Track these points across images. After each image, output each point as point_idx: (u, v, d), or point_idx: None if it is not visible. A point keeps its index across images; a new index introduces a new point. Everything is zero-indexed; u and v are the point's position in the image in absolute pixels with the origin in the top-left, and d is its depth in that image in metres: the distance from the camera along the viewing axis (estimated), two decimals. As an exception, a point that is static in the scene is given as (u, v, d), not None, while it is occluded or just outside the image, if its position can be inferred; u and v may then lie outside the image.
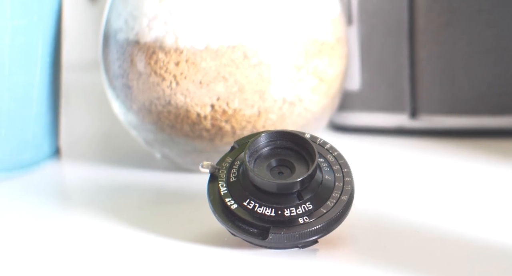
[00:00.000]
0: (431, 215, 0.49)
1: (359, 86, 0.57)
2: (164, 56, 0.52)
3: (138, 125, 0.54)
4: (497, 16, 0.55)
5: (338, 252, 0.46)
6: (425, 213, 0.49)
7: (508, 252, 0.45)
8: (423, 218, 0.49)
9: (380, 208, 0.50)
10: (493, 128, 0.56)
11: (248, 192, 0.46)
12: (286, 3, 0.52)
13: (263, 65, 0.52)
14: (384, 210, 0.49)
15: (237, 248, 0.47)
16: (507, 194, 0.51)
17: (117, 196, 0.52)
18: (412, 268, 0.45)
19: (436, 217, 0.49)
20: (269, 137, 0.47)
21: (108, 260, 0.47)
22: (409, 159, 0.55)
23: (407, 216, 0.49)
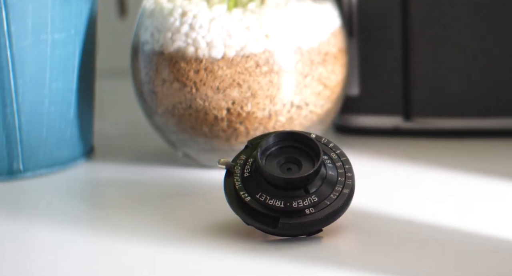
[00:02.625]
0: (422, 207, 0.49)
1: (358, 92, 0.57)
2: (186, 65, 0.52)
3: (163, 127, 0.54)
4: (483, 29, 0.55)
5: (340, 239, 0.46)
6: (417, 205, 0.49)
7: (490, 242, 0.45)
8: (415, 209, 0.48)
9: (378, 200, 0.49)
10: (479, 129, 0.56)
11: (260, 186, 0.46)
12: (293, 18, 0.52)
13: (273, 73, 0.52)
14: (382, 202, 0.49)
15: (250, 235, 0.46)
16: (490, 189, 0.50)
17: (143, 189, 0.52)
18: (406, 252, 0.44)
19: (427, 209, 0.49)
20: (279, 137, 0.47)
21: (135, 245, 0.46)
22: (404, 157, 0.55)
23: (401, 208, 0.49)
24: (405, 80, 0.56)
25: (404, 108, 0.56)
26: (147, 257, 0.45)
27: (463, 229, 0.46)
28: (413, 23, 0.56)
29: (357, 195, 0.47)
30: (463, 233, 0.46)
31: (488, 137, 0.56)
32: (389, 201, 0.49)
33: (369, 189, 0.50)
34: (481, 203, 0.49)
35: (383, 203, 0.49)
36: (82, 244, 0.47)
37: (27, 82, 0.53)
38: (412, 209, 0.48)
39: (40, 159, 0.54)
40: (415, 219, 0.47)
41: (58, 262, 0.45)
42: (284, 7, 0.53)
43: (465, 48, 0.55)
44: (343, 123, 0.58)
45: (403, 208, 0.48)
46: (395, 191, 0.51)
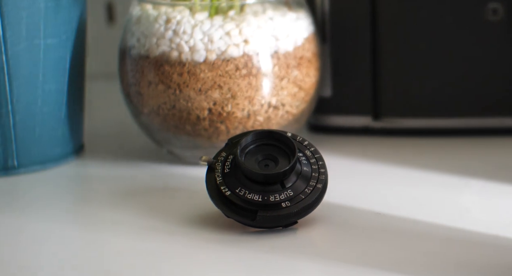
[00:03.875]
0: (389, 200, 0.49)
1: (331, 93, 0.57)
2: (170, 68, 0.52)
3: (148, 126, 0.54)
4: (447, 35, 0.55)
5: (314, 231, 0.46)
6: (384, 198, 0.49)
7: (450, 232, 0.45)
8: (383, 203, 0.49)
9: (348, 194, 0.49)
10: (444, 128, 0.56)
11: (239, 181, 0.46)
12: (270, 25, 0.52)
13: (252, 75, 0.52)
14: (352, 196, 0.49)
15: (230, 227, 0.46)
16: (452, 184, 0.51)
17: (130, 184, 0.52)
18: (374, 242, 0.45)
19: (393, 202, 0.49)
20: (257, 136, 0.47)
21: (123, 237, 0.46)
22: (373, 154, 0.55)
23: (370, 201, 0.49)
24: (374, 82, 0.56)
25: (373, 108, 0.56)
26: (133, 248, 0.45)
27: (426, 220, 0.47)
28: (381, 29, 0.56)
29: (329, 190, 0.47)
30: (426, 224, 0.46)
31: (452, 136, 0.56)
32: (359, 195, 0.50)
33: (341, 184, 0.50)
34: (443, 197, 0.49)
35: (353, 197, 0.49)
36: (72, 235, 0.47)
37: (21, 84, 0.52)
38: (380, 202, 0.49)
39: (34, 156, 0.54)
40: (383, 211, 0.48)
41: (50, 253, 0.45)
42: (262, 15, 0.53)
43: (430, 53, 0.55)
44: (317, 123, 0.58)
45: (371, 202, 0.49)
46: (365, 186, 0.51)
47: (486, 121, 0.56)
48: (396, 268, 0.42)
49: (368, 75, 0.56)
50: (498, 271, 0.42)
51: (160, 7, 0.53)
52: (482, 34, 0.55)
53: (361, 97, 0.56)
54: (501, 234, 0.45)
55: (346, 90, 0.57)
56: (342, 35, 0.56)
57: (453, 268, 0.42)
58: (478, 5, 0.54)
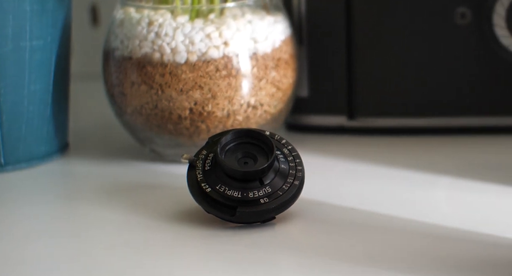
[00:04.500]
0: (363, 196, 0.49)
1: (307, 93, 0.57)
2: (152, 69, 0.52)
3: (131, 125, 0.54)
4: (419, 38, 0.55)
5: (291, 226, 0.46)
6: (358, 194, 0.49)
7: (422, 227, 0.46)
8: (357, 199, 0.49)
9: (324, 191, 0.50)
10: (415, 127, 0.56)
11: (219, 178, 0.46)
12: (249, 27, 0.52)
13: (232, 76, 0.52)
14: (328, 193, 0.49)
15: (210, 223, 0.47)
16: (424, 181, 0.51)
17: (114, 182, 0.52)
18: (349, 236, 0.45)
19: (367, 198, 0.49)
20: (237, 134, 0.47)
21: (106, 232, 0.47)
22: (348, 152, 0.55)
23: (345, 197, 0.49)
24: (349, 83, 0.56)
25: (348, 108, 0.57)
26: (117, 242, 0.45)
27: (398, 215, 0.47)
28: (356, 32, 0.56)
29: (306, 186, 0.47)
30: (399, 219, 0.46)
31: (423, 135, 0.56)
32: (334, 191, 0.50)
33: (317, 180, 0.50)
34: (415, 193, 0.49)
35: (329, 193, 0.49)
36: (58, 230, 0.47)
37: (8, 84, 0.52)
38: (355, 198, 0.49)
39: (20, 154, 0.54)
40: (357, 207, 0.48)
41: (36, 248, 0.45)
42: (241, 18, 0.53)
43: (404, 55, 0.56)
44: (294, 122, 0.58)
45: (346, 198, 0.49)
46: (340, 182, 0.51)
47: (455, 121, 0.56)
48: (370, 261, 0.42)
49: (343, 76, 0.56)
50: (466, 264, 0.42)
51: (143, 10, 0.53)
52: (451, 37, 0.55)
53: (337, 97, 0.57)
54: (470, 228, 0.45)
55: (322, 90, 0.57)
56: (318, 38, 0.56)
57: (424, 261, 0.42)
58: (448, 9, 0.54)
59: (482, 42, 0.54)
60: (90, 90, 0.65)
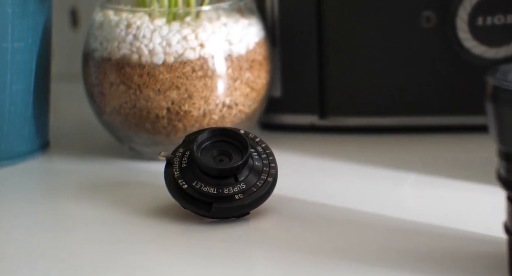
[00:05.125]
0: (334, 192, 0.50)
1: (280, 93, 0.57)
2: (130, 70, 0.52)
3: (110, 124, 0.54)
4: (389, 40, 0.56)
5: (265, 221, 0.47)
6: (329, 190, 0.50)
7: (389, 222, 0.46)
8: (328, 194, 0.49)
9: (297, 187, 0.50)
10: (384, 126, 0.57)
11: (196, 175, 0.46)
12: (224, 30, 0.53)
13: (207, 77, 0.52)
14: (300, 189, 0.50)
15: (187, 218, 0.47)
16: (392, 178, 0.51)
17: (93, 179, 0.52)
18: (320, 230, 0.45)
19: (338, 194, 0.49)
20: (212, 133, 0.47)
21: (87, 228, 0.47)
22: (319, 150, 0.55)
23: (316, 193, 0.49)
24: (320, 83, 0.57)
25: (319, 108, 0.57)
26: (97, 237, 0.45)
27: (367, 211, 0.47)
28: (327, 34, 0.56)
29: (279, 183, 0.47)
30: (367, 214, 0.47)
31: (391, 133, 0.57)
32: (306, 187, 0.50)
33: (289, 177, 0.50)
34: (383, 189, 0.50)
35: (301, 189, 0.50)
36: (39, 226, 0.47)
37: (-11, 85, 0.52)
38: (325, 194, 0.49)
39: (2, 152, 0.54)
40: (328, 202, 0.48)
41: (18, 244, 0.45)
42: (216, 21, 0.53)
43: (373, 56, 0.56)
44: (268, 121, 0.58)
45: (318, 194, 0.49)
46: (312, 179, 0.51)
47: (421, 120, 0.56)
48: (339, 254, 0.43)
49: (314, 77, 0.56)
50: (431, 256, 0.42)
51: (121, 13, 0.53)
52: (418, 40, 0.55)
53: (309, 97, 0.57)
54: (435, 223, 0.45)
55: (294, 90, 0.57)
56: (291, 40, 0.56)
57: (390, 254, 0.42)
58: (414, 13, 0.55)
59: (446, 45, 0.55)
60: (70, 90, 0.64)
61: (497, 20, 0.54)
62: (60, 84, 0.63)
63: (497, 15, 0.54)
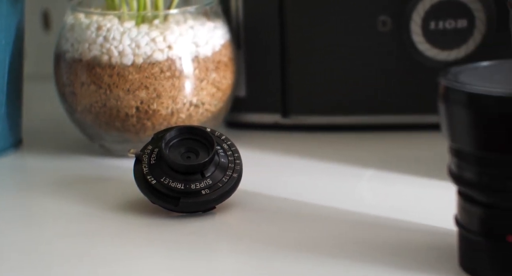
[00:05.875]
0: (296, 187, 0.50)
1: (245, 93, 0.57)
2: (101, 70, 0.52)
3: (81, 122, 0.54)
4: (347, 41, 0.56)
5: (230, 215, 0.47)
6: (291, 185, 0.50)
7: (348, 216, 0.47)
8: (290, 189, 0.50)
9: (261, 182, 0.50)
10: (344, 125, 0.57)
11: (164, 171, 0.46)
12: (191, 32, 0.53)
13: (175, 77, 0.52)
14: (264, 184, 0.50)
15: (156, 212, 0.47)
16: (350, 173, 0.51)
17: (65, 175, 0.52)
18: (284, 224, 0.46)
19: (299, 188, 0.50)
20: (180, 131, 0.47)
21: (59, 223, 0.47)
22: (282, 147, 0.55)
23: (279, 188, 0.50)
24: (283, 84, 0.57)
25: (282, 107, 0.57)
26: (68, 232, 0.45)
27: (328, 205, 0.47)
28: (289, 37, 0.56)
29: (244, 179, 0.47)
30: (328, 208, 0.47)
31: (350, 131, 0.57)
32: (270, 183, 0.50)
33: (254, 173, 0.50)
34: (342, 185, 0.50)
35: (265, 185, 0.50)
36: (13, 221, 0.47)
37: (-36, 85, 0.52)
38: (288, 189, 0.49)
39: (-24, 149, 0.53)
40: (290, 197, 0.48)
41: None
42: (183, 24, 0.53)
43: (333, 58, 0.56)
44: (233, 120, 0.58)
45: (280, 189, 0.49)
46: (275, 175, 0.52)
47: (378, 118, 0.56)
48: (302, 247, 0.43)
49: (277, 77, 0.56)
50: (388, 248, 0.43)
51: (92, 16, 0.53)
52: (374, 42, 0.55)
53: (272, 97, 0.57)
54: (391, 216, 0.46)
55: (258, 90, 0.57)
56: (255, 42, 0.56)
57: (351, 246, 0.43)
58: (371, 17, 0.55)
59: (401, 47, 0.55)
60: (42, 90, 0.64)
61: (448, 24, 0.55)
62: (33, 84, 0.63)
63: (448, 20, 0.55)
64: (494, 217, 0.39)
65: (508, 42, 0.49)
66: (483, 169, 0.39)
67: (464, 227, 0.41)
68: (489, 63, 0.41)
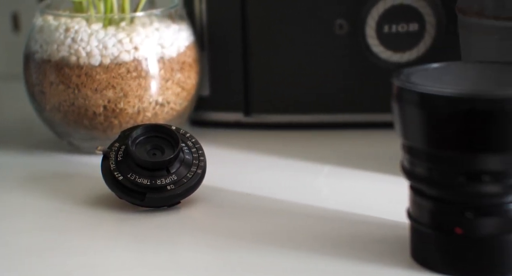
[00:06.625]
0: (259, 182, 0.50)
1: (209, 93, 0.57)
2: (69, 70, 0.52)
3: (50, 121, 0.54)
4: (308, 42, 0.56)
5: (194, 209, 0.47)
6: (254, 181, 0.50)
7: (309, 210, 0.47)
8: (253, 185, 0.50)
9: (224, 178, 0.50)
10: (302, 123, 0.57)
11: (130, 168, 0.46)
12: (157, 34, 0.53)
13: (141, 77, 0.52)
14: (227, 180, 0.50)
15: (122, 207, 0.47)
16: (310, 170, 0.52)
17: (35, 172, 0.52)
18: (245, 217, 0.46)
19: (262, 184, 0.50)
20: (146, 129, 0.47)
21: (28, 217, 0.47)
22: (244, 145, 0.55)
23: (242, 184, 0.50)
24: (245, 83, 0.57)
25: (244, 106, 0.57)
26: (37, 226, 0.45)
27: (288, 200, 0.48)
28: (251, 39, 0.56)
29: (208, 175, 0.48)
30: (288, 203, 0.48)
31: (309, 129, 0.57)
32: (232, 179, 0.50)
33: (217, 169, 0.50)
34: (301, 180, 0.50)
35: (228, 180, 0.50)
36: None
37: None
38: (250, 185, 0.50)
39: None
40: (252, 192, 0.49)
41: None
42: (149, 26, 0.53)
43: (293, 59, 0.56)
44: (197, 118, 0.58)
45: (243, 184, 0.50)
46: (237, 171, 0.52)
47: (336, 117, 0.57)
48: (263, 240, 0.43)
49: (240, 77, 0.57)
50: (344, 240, 0.43)
51: (60, 18, 0.53)
52: (332, 45, 0.56)
53: (234, 96, 0.57)
54: (347, 210, 0.46)
55: (221, 90, 0.57)
56: (218, 44, 0.57)
57: (309, 238, 0.43)
58: (328, 21, 0.55)
59: (357, 50, 0.55)
60: (12, 89, 0.64)
61: (400, 28, 0.55)
62: (3, 84, 0.63)
63: (401, 24, 0.55)
64: (443, 210, 0.40)
65: (456, 45, 0.50)
66: (434, 165, 0.40)
67: (415, 220, 0.41)
68: (438, 64, 0.42)
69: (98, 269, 0.41)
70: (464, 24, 0.48)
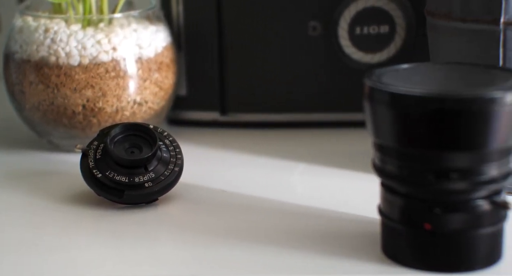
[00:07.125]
0: (233, 179, 0.50)
1: (186, 92, 0.57)
2: (49, 70, 0.52)
3: (30, 120, 0.54)
4: (281, 45, 0.57)
5: (172, 206, 0.47)
6: (228, 178, 0.50)
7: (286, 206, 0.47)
8: (228, 182, 0.50)
9: (200, 176, 0.50)
10: (277, 122, 0.57)
11: (109, 165, 0.46)
12: (135, 35, 0.53)
13: (119, 77, 0.52)
14: (203, 177, 0.50)
15: (101, 204, 0.47)
16: (281, 167, 0.52)
17: (15, 170, 0.52)
18: (220, 213, 0.46)
19: (237, 181, 0.50)
20: (124, 127, 0.47)
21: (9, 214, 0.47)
22: (220, 143, 0.56)
23: (218, 181, 0.50)
24: (221, 83, 0.57)
25: (220, 105, 0.57)
26: (18, 222, 0.46)
27: (262, 196, 0.48)
28: (227, 40, 0.57)
29: (185, 172, 0.48)
30: (263, 199, 0.48)
31: (284, 128, 0.58)
32: (208, 176, 0.51)
33: (194, 167, 0.51)
34: (276, 177, 0.50)
35: (204, 178, 0.50)
36: None
37: None
38: (225, 182, 0.50)
39: None
40: (227, 189, 0.49)
41: None
42: (127, 27, 0.53)
43: (268, 60, 0.57)
44: (174, 117, 0.58)
45: (219, 182, 0.50)
46: (213, 169, 0.52)
47: (309, 116, 0.57)
48: (238, 235, 0.43)
49: (216, 77, 0.57)
50: (317, 236, 0.44)
51: (40, 19, 0.53)
52: (305, 46, 0.56)
53: (211, 96, 0.57)
54: (320, 206, 0.47)
55: (198, 90, 0.57)
56: (194, 45, 0.57)
57: (283, 234, 0.44)
58: (302, 22, 0.56)
59: (330, 51, 0.56)
60: None
61: (372, 30, 0.56)
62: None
63: (372, 26, 0.56)
64: (413, 206, 0.41)
65: (425, 46, 0.50)
66: (404, 163, 0.40)
67: (386, 216, 0.42)
68: (408, 65, 0.43)
69: (77, 265, 0.42)
70: (432, 26, 0.49)
